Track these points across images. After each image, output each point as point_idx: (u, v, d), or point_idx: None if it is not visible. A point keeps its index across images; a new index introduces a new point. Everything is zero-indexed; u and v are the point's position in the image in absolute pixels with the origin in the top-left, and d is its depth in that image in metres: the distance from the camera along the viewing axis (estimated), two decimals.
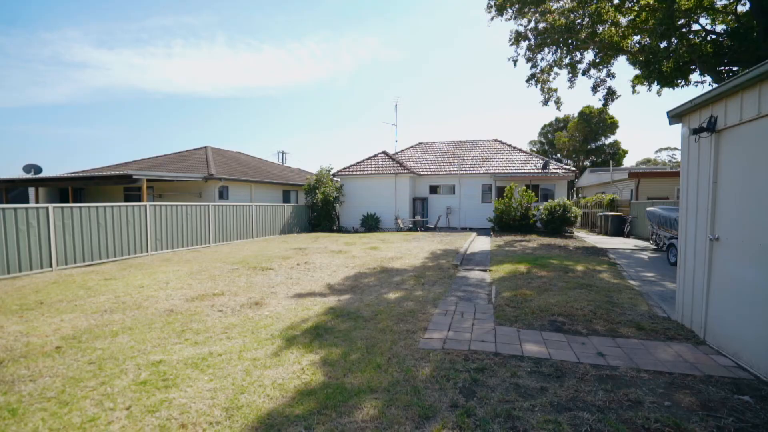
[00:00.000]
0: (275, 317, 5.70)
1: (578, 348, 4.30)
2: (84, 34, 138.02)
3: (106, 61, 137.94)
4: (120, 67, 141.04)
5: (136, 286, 7.84)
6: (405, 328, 5.08)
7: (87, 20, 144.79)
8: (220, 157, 23.11)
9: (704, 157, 4.61)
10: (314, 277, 8.61)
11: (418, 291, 7.21)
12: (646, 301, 6.32)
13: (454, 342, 4.52)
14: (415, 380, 3.59)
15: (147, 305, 6.42)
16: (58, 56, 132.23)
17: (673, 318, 5.36)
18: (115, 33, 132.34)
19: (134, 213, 12.18)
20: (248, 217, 17.55)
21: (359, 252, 12.39)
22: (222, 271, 9.37)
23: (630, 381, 3.53)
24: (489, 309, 5.91)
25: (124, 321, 5.56)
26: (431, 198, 23.69)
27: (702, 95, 4.53)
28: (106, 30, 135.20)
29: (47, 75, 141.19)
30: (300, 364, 4.01)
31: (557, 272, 8.50)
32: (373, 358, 4.08)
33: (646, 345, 4.42)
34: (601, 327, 4.99)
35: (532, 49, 18.23)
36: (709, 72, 14.00)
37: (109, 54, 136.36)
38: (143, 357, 4.22)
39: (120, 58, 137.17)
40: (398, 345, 4.47)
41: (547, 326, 5.03)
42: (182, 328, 5.25)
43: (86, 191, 20.46)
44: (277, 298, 6.82)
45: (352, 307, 6.17)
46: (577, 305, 5.81)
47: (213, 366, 3.97)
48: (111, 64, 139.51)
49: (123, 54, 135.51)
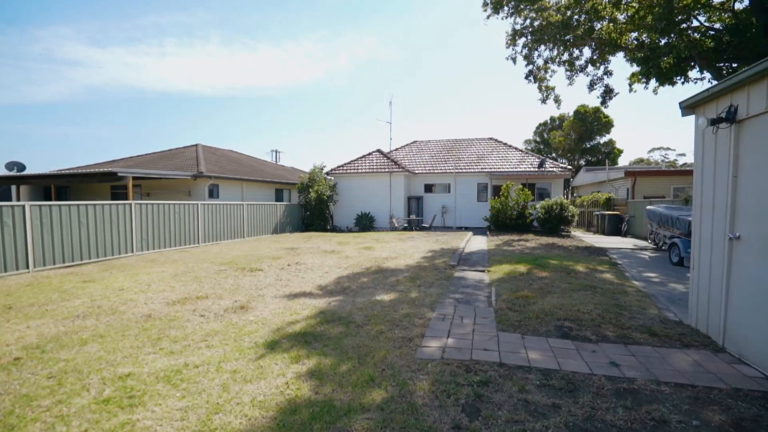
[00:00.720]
0: (261, 323, 5.30)
1: (589, 357, 3.95)
2: (76, 32, 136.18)
3: (99, 59, 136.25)
4: (113, 66, 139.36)
5: (116, 288, 7.40)
6: (400, 335, 4.71)
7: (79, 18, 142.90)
8: (211, 155, 22.59)
9: (722, 149, 4.28)
10: (305, 279, 8.21)
11: (413, 293, 6.84)
12: (654, 303, 6.00)
13: (454, 351, 4.15)
14: (413, 396, 3.21)
15: (124, 310, 5.99)
16: (50, 54, 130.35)
17: (685, 322, 5.03)
18: (108, 31, 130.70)
19: (118, 212, 11.70)
20: (239, 216, 17.08)
21: (352, 252, 12.00)
22: (208, 273, 8.94)
23: (651, 396, 3.18)
24: (490, 313, 5.55)
25: (96, 328, 5.14)
26: (426, 197, 23.35)
27: (720, 83, 4.20)
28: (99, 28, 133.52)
29: (39, 73, 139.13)
30: (285, 377, 3.62)
31: (558, 273, 8.17)
32: (366, 370, 3.70)
33: (661, 353, 4.08)
34: (610, 333, 4.65)
35: (528, 47, 17.96)
36: (709, 68, 13.77)
37: (102, 52, 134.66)
38: (110, 369, 3.80)
39: (113, 57, 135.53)
40: (393, 354, 4.09)
41: (553, 332, 4.68)
42: (159, 335, 4.84)
43: (72, 190, 19.85)
44: (265, 302, 6.42)
45: (344, 311, 5.79)
46: (584, 309, 5.47)
47: (187, 380, 3.57)
48: (104, 63, 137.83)
49: (116, 52, 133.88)
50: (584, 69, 18.15)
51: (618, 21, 15.88)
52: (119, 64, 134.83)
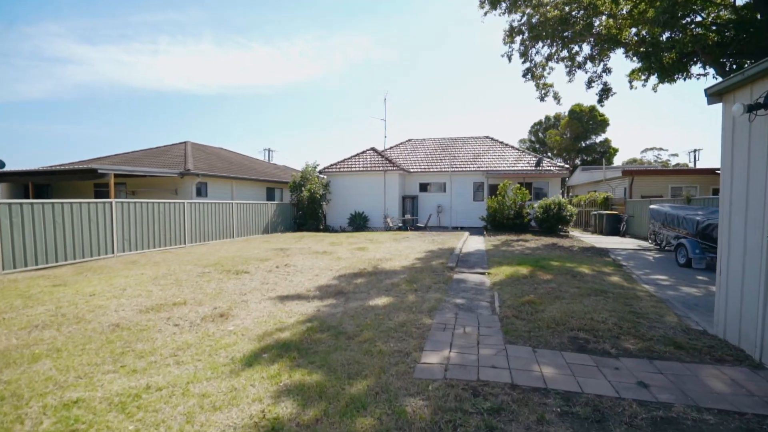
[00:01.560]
0: (241, 333, 4.75)
1: (612, 375, 3.46)
2: (66, 30, 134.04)
3: (90, 57, 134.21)
4: (105, 64, 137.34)
5: (86, 293, 6.80)
6: (396, 348, 4.19)
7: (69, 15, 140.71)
8: (200, 153, 21.90)
9: (759, 140, 3.81)
10: (293, 282, 7.66)
11: (410, 298, 6.32)
12: (671, 309, 5.53)
13: (458, 368, 3.63)
14: (411, 428, 2.69)
15: (90, 318, 5.41)
16: (40, 51, 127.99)
17: (710, 332, 4.57)
18: (99, 29, 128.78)
19: (97, 210, 11.06)
20: (228, 216, 16.46)
21: (345, 253, 11.46)
22: (191, 276, 8.36)
23: (695, 428, 2.68)
24: (494, 321, 5.05)
25: (54, 340, 4.56)
26: (421, 196, 22.85)
27: (758, 64, 3.73)
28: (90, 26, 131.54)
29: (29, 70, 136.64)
30: (261, 402, 3.08)
31: (563, 275, 7.70)
32: (357, 393, 3.18)
33: (692, 369, 3.60)
34: (631, 345, 4.16)
35: (525, 44, 17.54)
36: (712, 64, 13.42)
37: (93, 50, 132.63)
38: (57, 394, 3.24)
39: (105, 55, 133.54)
40: (388, 373, 3.57)
41: (567, 344, 4.18)
42: (123, 349, 4.28)
43: (54, 189, 19.07)
44: (248, 308, 5.87)
45: (334, 319, 5.25)
46: (598, 317, 4.98)
47: (146, 407, 3.02)
48: (95, 61, 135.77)
49: (108, 50, 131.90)
50: (583, 66, 17.77)
51: (618, 16, 15.50)
52: (111, 61, 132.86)
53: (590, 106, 42.70)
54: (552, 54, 17.78)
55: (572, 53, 17.57)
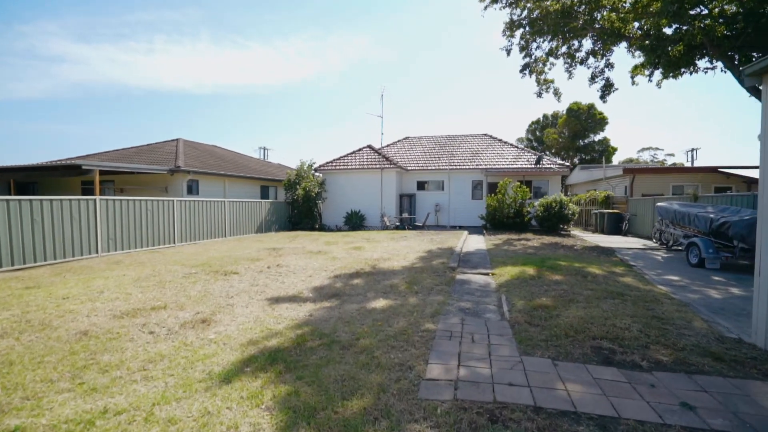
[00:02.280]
0: (222, 342, 4.24)
1: (650, 394, 2.98)
2: (61, 29, 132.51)
3: (85, 55, 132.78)
4: (101, 62, 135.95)
5: (59, 297, 6.26)
6: (397, 360, 3.69)
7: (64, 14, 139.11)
8: (193, 150, 21.31)
9: None
10: (285, 284, 7.15)
11: (411, 301, 5.83)
12: (696, 314, 5.07)
13: (469, 386, 3.13)
14: None
15: (57, 324, 4.88)
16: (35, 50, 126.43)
17: (748, 341, 4.10)
18: (94, 27, 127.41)
19: (80, 208, 10.48)
20: (220, 214, 15.90)
21: (341, 253, 10.95)
22: (176, 277, 7.82)
23: None
24: (505, 328, 4.55)
25: (11, 351, 4.03)
26: (419, 194, 22.35)
27: None
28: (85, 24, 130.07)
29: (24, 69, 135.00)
30: (237, 430, 2.58)
31: (573, 276, 7.23)
32: (352, 419, 2.68)
33: (740, 386, 3.13)
34: (664, 356, 3.68)
35: (526, 38, 17.10)
36: (720, 57, 12.99)
37: (89, 49, 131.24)
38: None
39: (101, 53, 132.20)
40: (389, 392, 3.07)
41: (591, 356, 3.70)
42: (87, 361, 3.76)
43: (40, 186, 18.43)
44: (233, 313, 5.35)
45: (328, 325, 4.75)
46: (620, 323, 4.50)
47: None
48: (91, 59, 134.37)
49: (104, 49, 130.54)
50: (585, 61, 17.36)
51: (620, 9, 15.06)
52: (107, 60, 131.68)
53: (589, 103, 42.37)
54: (553, 49, 17.36)
55: (573, 49, 17.17)
